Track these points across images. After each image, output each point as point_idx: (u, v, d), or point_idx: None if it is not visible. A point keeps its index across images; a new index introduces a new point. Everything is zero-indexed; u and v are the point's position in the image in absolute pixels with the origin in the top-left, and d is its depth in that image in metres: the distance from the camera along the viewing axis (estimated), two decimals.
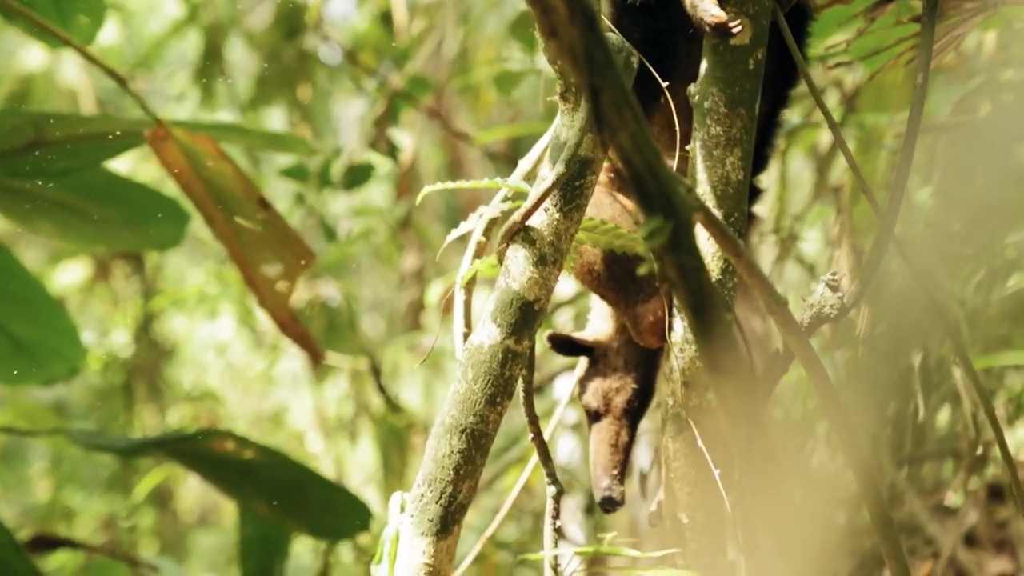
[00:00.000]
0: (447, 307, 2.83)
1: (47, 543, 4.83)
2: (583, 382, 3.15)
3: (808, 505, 2.00)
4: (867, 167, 4.19)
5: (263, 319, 7.45)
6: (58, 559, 6.34)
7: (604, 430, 3.07)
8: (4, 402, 7.01)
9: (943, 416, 5.46)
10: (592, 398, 3.10)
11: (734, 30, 2.44)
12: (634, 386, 3.06)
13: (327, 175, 5.25)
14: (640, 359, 3.09)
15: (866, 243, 4.04)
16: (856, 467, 2.41)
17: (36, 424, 5.88)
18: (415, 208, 6.13)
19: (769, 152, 2.91)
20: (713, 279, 2.38)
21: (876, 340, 3.50)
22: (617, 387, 3.07)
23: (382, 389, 5.76)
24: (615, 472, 2.99)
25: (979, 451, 4.46)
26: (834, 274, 2.49)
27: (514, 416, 5.62)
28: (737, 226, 2.48)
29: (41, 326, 4.41)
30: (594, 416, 3.10)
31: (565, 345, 3.14)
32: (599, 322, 3.16)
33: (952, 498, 4.83)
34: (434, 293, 5.58)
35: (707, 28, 2.45)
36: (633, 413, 3.08)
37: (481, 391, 2.49)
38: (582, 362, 3.18)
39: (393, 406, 5.71)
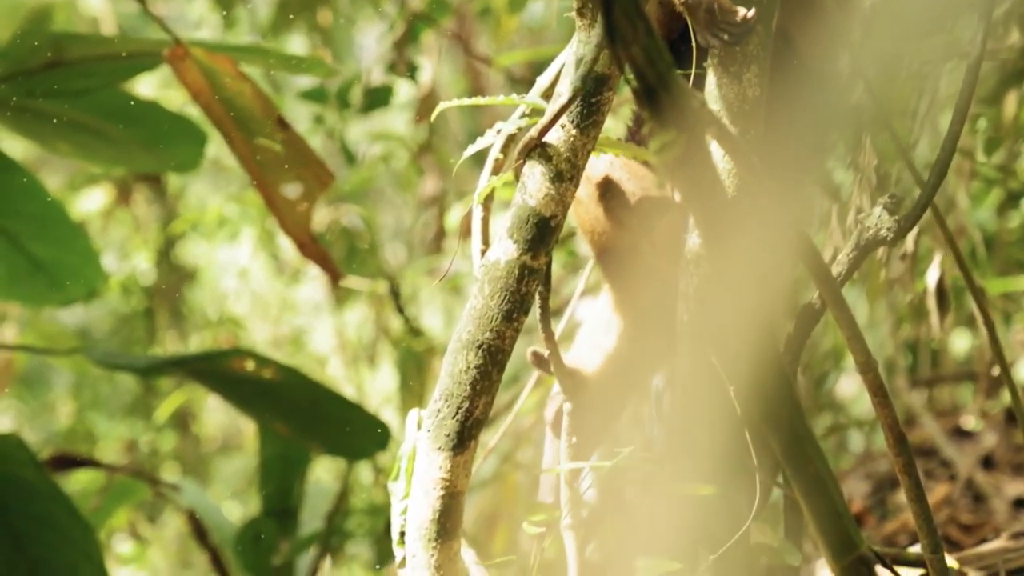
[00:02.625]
0: (466, 230, 2.84)
1: (68, 462, 4.87)
2: (553, 402, 3.20)
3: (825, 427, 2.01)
4: (892, 94, 4.17)
5: (284, 245, 7.47)
6: (79, 479, 6.39)
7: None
8: (26, 324, 7.06)
9: (961, 339, 5.47)
10: (558, 421, 3.15)
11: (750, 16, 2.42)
12: None
13: (347, 98, 5.24)
14: (612, 401, 3.13)
15: (891, 168, 4.02)
16: (872, 389, 2.42)
17: (57, 346, 5.91)
18: (436, 135, 6.13)
19: None
20: (728, 196, 2.38)
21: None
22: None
23: (401, 311, 5.77)
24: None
25: (996, 374, 4.47)
26: (892, 196, 2.49)
27: (534, 340, 5.63)
28: (753, 143, 2.48)
29: (60, 247, 4.43)
30: (556, 435, 3.16)
31: (547, 364, 3.18)
32: (581, 351, 3.19)
33: (969, 421, 4.85)
34: (454, 217, 5.58)
35: (734, 30, 2.43)
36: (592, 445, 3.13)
37: (498, 307, 2.50)
38: (556, 384, 3.22)
39: (412, 329, 5.72)
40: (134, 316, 7.79)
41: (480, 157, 2.82)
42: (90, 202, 7.39)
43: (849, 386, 6.11)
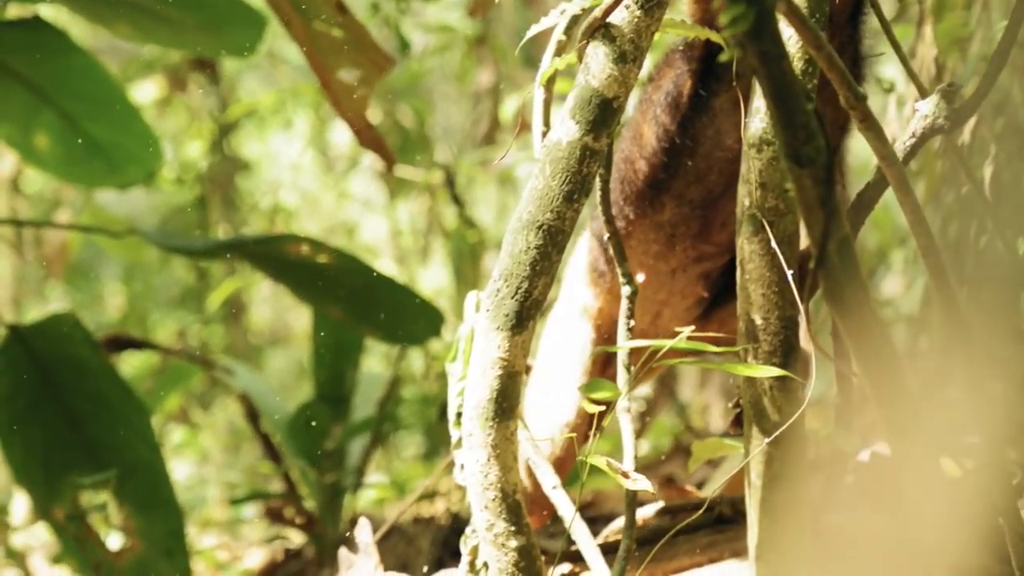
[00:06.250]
0: (524, 123, 2.83)
1: (123, 343, 4.91)
2: None
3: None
4: None
5: (334, 142, 7.47)
6: (133, 363, 6.44)
7: None
8: (80, 211, 7.09)
9: None
10: None
11: None
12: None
13: None
14: None
15: (949, 60, 3.99)
16: (938, 287, 2.42)
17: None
18: (491, 27, 6.10)
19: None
20: (796, 72, 2.37)
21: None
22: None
23: (456, 199, 5.78)
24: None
25: None
26: (950, 84, 2.48)
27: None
28: (819, 25, 2.46)
29: (119, 129, 4.44)
30: None
31: None
32: None
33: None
34: (509, 109, 5.56)
35: None
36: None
37: (559, 187, 2.50)
38: None
39: (466, 219, 5.72)
40: (186, 207, 7.81)
41: (533, 55, 2.81)
42: (144, 92, 7.41)
43: (895, 284, 6.10)
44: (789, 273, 2.46)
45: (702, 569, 3.05)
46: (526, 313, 2.53)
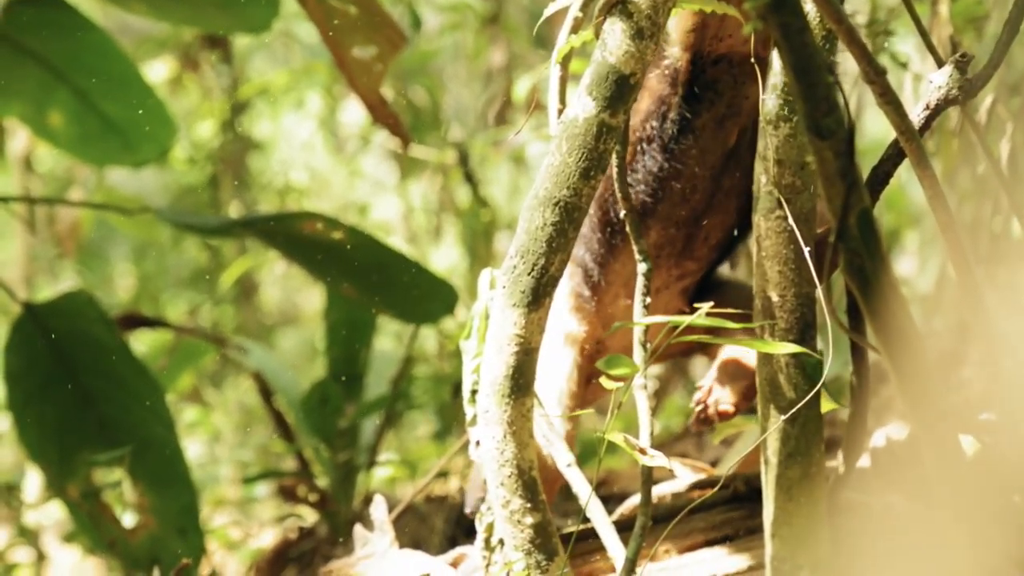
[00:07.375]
0: (536, 102, 2.82)
1: (137, 321, 4.90)
2: None
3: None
4: None
5: (344, 122, 7.46)
6: (145, 341, 6.43)
7: None
8: (92, 191, 7.08)
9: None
10: None
11: None
12: None
13: None
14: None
15: (964, 39, 3.98)
16: (955, 261, 2.42)
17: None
18: (503, 6, 6.10)
19: None
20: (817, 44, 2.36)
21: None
22: None
23: (469, 177, 5.77)
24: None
25: None
26: (963, 55, 2.47)
27: None
28: None
29: (134, 107, 4.43)
30: None
31: None
32: None
33: None
34: (522, 88, 5.55)
35: None
36: None
37: (575, 164, 2.50)
38: None
39: (479, 198, 5.72)
40: (197, 186, 7.81)
41: (545, 35, 2.80)
42: (156, 72, 7.40)
43: (909, 265, 6.10)
44: (806, 250, 2.46)
45: (714, 548, 3.06)
46: (542, 290, 2.53)
